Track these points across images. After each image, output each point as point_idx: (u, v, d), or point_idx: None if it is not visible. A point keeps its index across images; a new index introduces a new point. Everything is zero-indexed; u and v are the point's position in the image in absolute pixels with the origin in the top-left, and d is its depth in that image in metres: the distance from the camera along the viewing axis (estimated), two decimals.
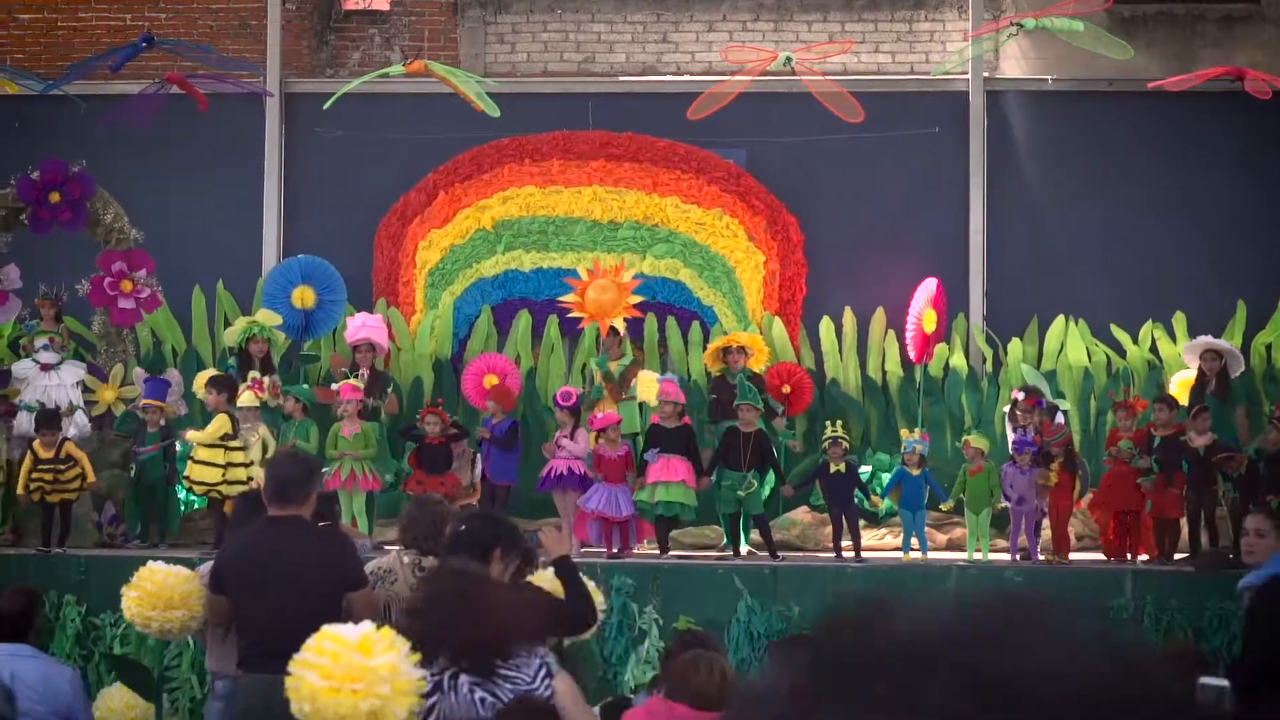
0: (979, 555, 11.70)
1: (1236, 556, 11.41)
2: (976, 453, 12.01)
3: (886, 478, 12.52)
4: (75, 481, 11.60)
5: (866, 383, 14.45)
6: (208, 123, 14.16)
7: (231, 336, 13.28)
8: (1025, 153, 14.86)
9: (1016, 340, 14.32)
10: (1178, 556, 11.59)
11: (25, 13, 15.53)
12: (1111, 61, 13.07)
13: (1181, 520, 11.83)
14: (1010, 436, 12.35)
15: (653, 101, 14.72)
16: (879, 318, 14.49)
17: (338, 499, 10.83)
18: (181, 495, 12.65)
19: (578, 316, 14.22)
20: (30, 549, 11.59)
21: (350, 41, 15.58)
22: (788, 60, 12.62)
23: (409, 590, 6.37)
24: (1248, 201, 14.59)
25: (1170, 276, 14.47)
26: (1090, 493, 12.27)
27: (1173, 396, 12.67)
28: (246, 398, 12.26)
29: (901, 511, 12.06)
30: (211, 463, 11.64)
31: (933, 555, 11.85)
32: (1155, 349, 14.27)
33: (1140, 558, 11.72)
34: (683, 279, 14.75)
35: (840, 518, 11.89)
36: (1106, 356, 14.28)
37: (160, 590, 6.52)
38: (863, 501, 12.14)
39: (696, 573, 10.54)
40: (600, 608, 6.67)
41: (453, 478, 12.30)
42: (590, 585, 6.23)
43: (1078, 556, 12.00)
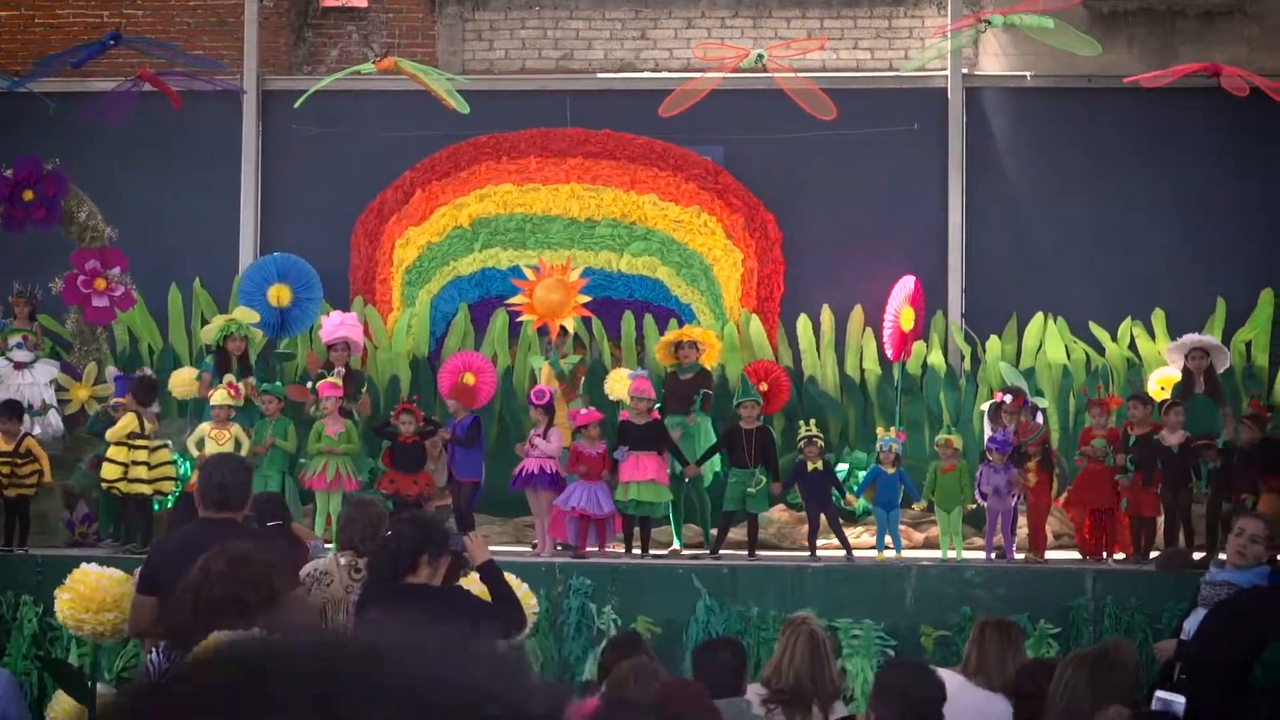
0: (952, 554, 11.66)
1: (1206, 555, 11.37)
2: (950, 451, 11.98)
3: (864, 475, 12.47)
4: (32, 478, 11.51)
5: (845, 381, 14.40)
6: (185, 120, 14.13)
7: (209, 334, 13.26)
8: (1004, 150, 14.81)
9: (995, 338, 14.26)
10: (1154, 555, 11.53)
11: (1, 10, 15.50)
12: (1091, 58, 13.00)
13: (1159, 518, 11.78)
14: (988, 434, 12.29)
15: (631, 99, 14.67)
16: (857, 315, 14.43)
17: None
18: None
19: (527, 319, 13.97)
20: None
21: (328, 38, 15.53)
22: (759, 58, 12.57)
23: (344, 592, 6.34)
24: (1228, 198, 14.53)
25: (1150, 274, 14.42)
26: (1066, 491, 12.22)
27: (1148, 394, 12.61)
28: (219, 396, 12.25)
29: (875, 510, 12.02)
30: (115, 460, 11.57)
31: (907, 554, 11.77)
32: (1134, 346, 14.20)
33: (1116, 556, 11.66)
34: (660, 277, 14.69)
35: (818, 516, 11.85)
36: (1085, 354, 14.22)
37: (93, 593, 6.50)
38: (838, 500, 12.09)
39: (655, 572, 10.50)
40: (532, 610, 6.64)
41: (426, 476, 12.23)
42: (522, 589, 6.19)
43: (1055, 555, 11.93)
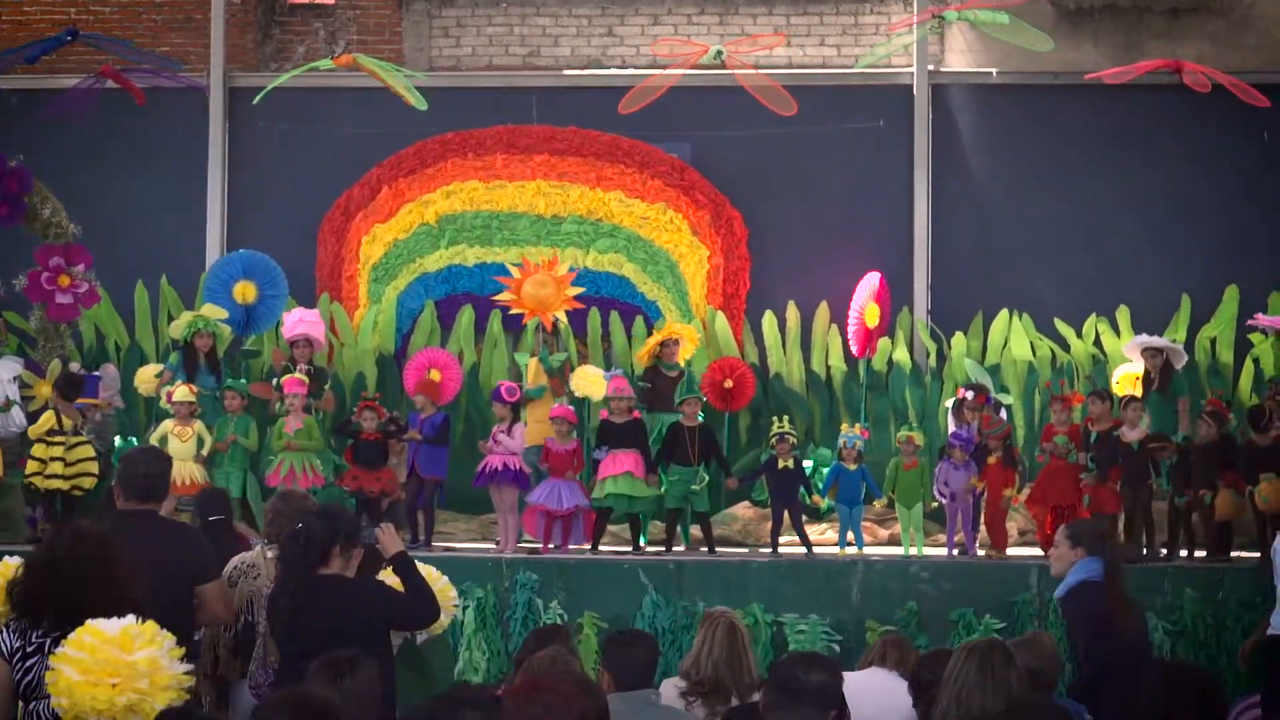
0: (914, 550, 11.67)
1: (1150, 550, 11.41)
2: (912, 448, 12.00)
3: (827, 472, 12.47)
4: None
5: (810, 377, 14.41)
6: (151, 117, 14.13)
7: (176, 330, 13.26)
8: (970, 146, 14.81)
9: (960, 334, 14.26)
10: None
11: None
12: (1056, 55, 13.01)
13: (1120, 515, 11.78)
14: (951, 430, 12.30)
15: (597, 96, 14.64)
16: (823, 312, 14.44)
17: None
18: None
19: (520, 312, 14.08)
20: None
21: (295, 35, 15.52)
22: (719, 54, 12.56)
23: (270, 584, 6.34)
24: (1193, 195, 14.53)
25: (1115, 270, 14.44)
26: (1028, 487, 12.22)
27: (1109, 390, 12.61)
28: (181, 393, 12.29)
29: (838, 506, 12.04)
30: (35, 456, 11.89)
31: (850, 550, 11.75)
32: (1100, 343, 14.20)
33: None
34: (626, 274, 14.69)
35: (783, 513, 11.87)
36: (1051, 351, 14.22)
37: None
38: (804, 498, 12.09)
39: (602, 568, 10.52)
40: (452, 602, 6.64)
41: (389, 473, 12.23)
42: (441, 582, 6.19)
43: (1016, 551, 11.94)
